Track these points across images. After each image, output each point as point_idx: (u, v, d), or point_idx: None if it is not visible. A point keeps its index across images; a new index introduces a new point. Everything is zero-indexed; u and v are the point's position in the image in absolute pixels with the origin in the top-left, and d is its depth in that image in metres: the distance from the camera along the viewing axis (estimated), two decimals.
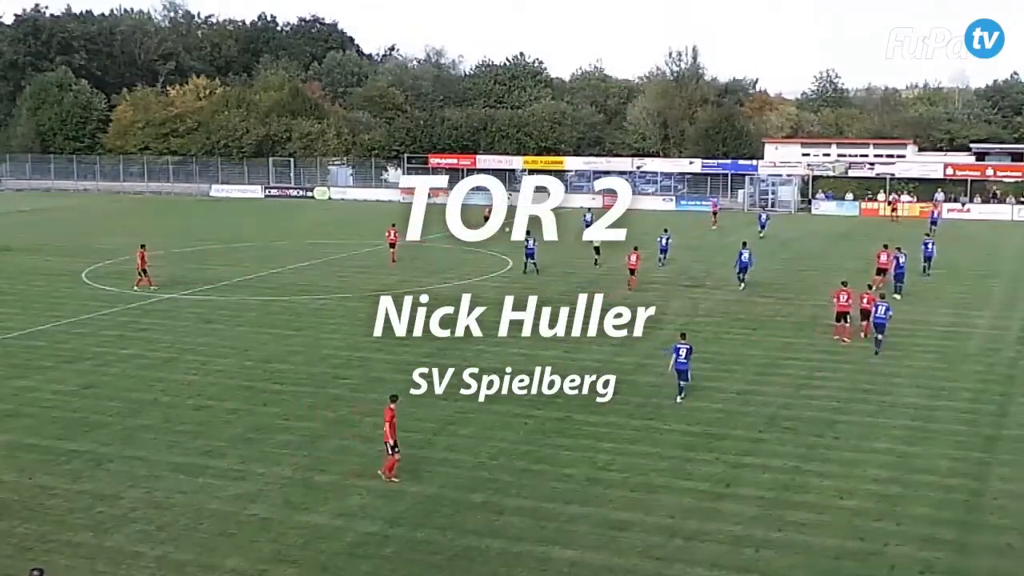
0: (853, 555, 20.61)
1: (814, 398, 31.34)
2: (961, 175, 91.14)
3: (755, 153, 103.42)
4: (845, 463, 25.76)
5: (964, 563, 20.33)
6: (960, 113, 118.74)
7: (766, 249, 63.79)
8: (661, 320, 42.52)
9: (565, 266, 57.71)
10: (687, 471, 25.20)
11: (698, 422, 28.93)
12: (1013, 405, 30.65)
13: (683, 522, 22.12)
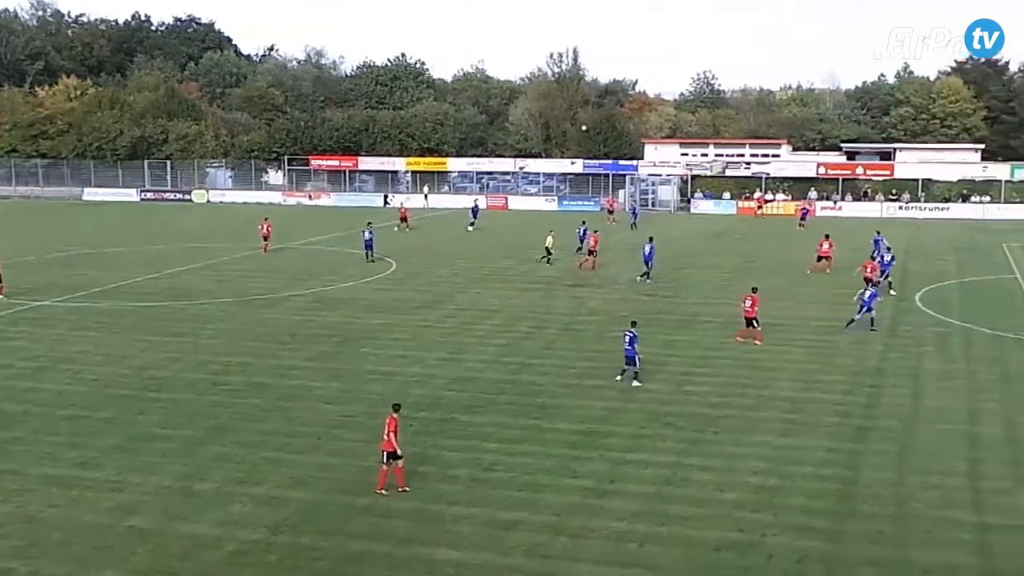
0: (733, 546, 21.03)
1: (695, 394, 31.87)
2: (833, 174, 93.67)
3: (635, 153, 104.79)
4: (725, 457, 26.27)
5: (838, 551, 20.89)
6: (831, 114, 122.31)
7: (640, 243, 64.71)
8: (546, 319, 43.08)
9: (450, 268, 57.78)
10: (572, 469, 25.39)
11: (582, 420, 29.17)
12: (883, 396, 31.62)
13: (568, 520, 22.28)
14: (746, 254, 62.26)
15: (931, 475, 24.81)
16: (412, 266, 57.73)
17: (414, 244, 68.37)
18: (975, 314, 43.50)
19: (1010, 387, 32.58)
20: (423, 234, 75.31)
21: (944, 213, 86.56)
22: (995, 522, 22.08)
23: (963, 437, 27.70)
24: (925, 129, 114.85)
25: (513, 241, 70.05)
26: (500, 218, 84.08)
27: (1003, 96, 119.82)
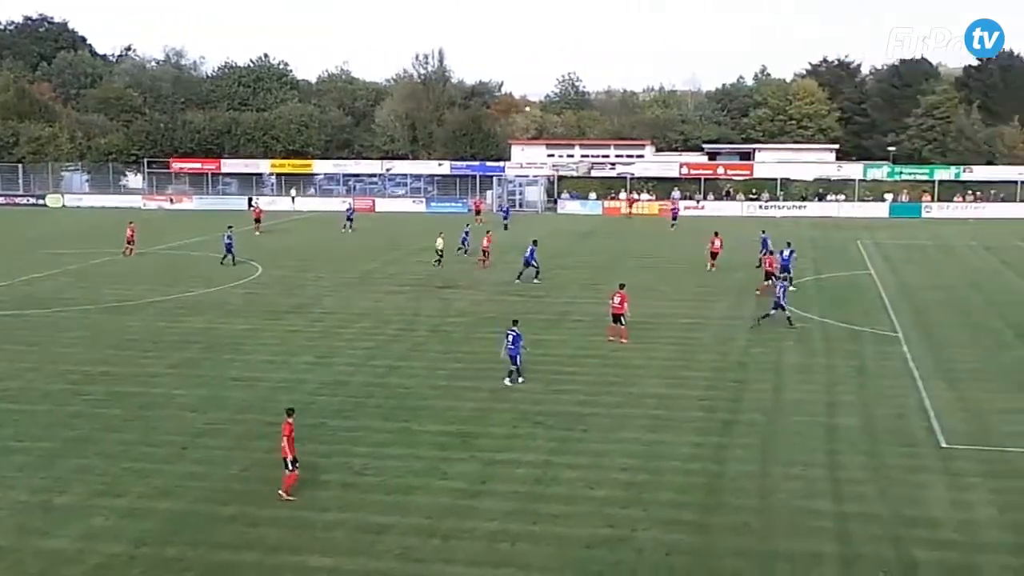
0: (604, 542, 21.25)
1: (564, 392, 32.12)
2: (695, 174, 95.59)
3: (502, 154, 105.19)
4: (594, 454, 26.54)
5: (706, 543, 21.30)
6: (693, 115, 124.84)
7: (511, 243, 64.99)
8: (414, 322, 42.92)
9: (317, 271, 57.14)
10: (443, 471, 25.34)
11: (452, 421, 29.14)
12: (747, 391, 32.36)
13: (440, 522, 22.22)
14: (614, 252, 63.00)
15: (793, 466, 25.50)
16: (278, 270, 56.93)
17: (281, 247, 67.44)
18: (832, 309, 44.84)
19: (866, 379, 33.67)
20: (290, 237, 74.34)
21: (801, 211, 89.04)
22: (853, 510, 22.80)
23: (822, 429, 28.53)
24: (782, 130, 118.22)
25: (381, 243, 69.63)
26: (368, 220, 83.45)
27: (855, 98, 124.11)
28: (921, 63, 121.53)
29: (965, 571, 20.00)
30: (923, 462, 25.95)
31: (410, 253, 64.13)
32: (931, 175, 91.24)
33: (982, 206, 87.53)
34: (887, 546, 21.00)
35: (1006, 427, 28.56)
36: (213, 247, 60.33)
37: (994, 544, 21.11)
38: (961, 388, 32.44)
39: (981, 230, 75.48)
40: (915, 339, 39.11)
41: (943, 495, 23.71)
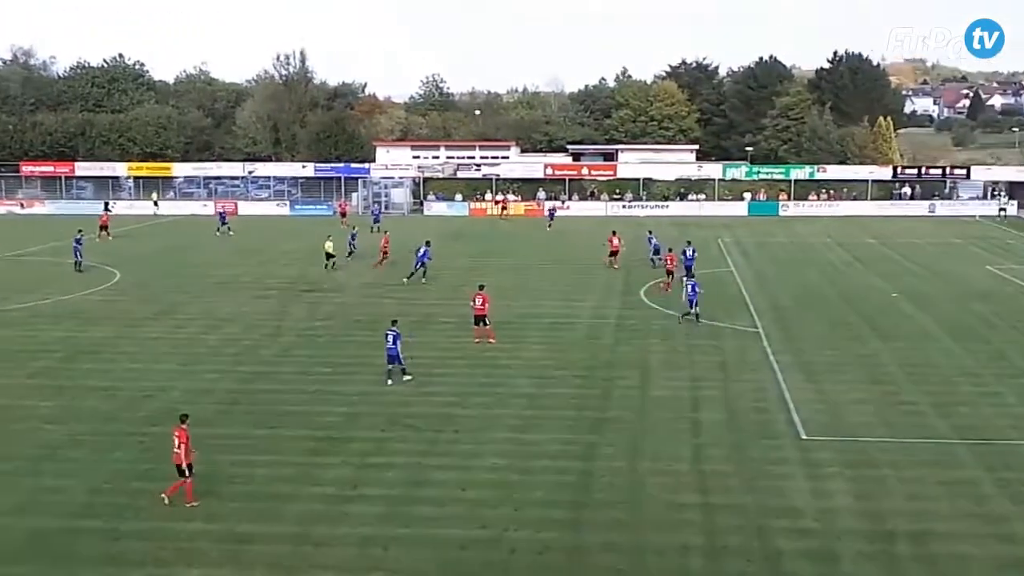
0: (477, 543, 21.32)
1: (434, 394, 32.11)
2: (560, 174, 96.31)
3: (367, 156, 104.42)
4: (465, 455, 26.61)
5: (578, 540, 21.56)
6: (557, 116, 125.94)
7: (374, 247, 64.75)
8: (280, 326, 42.36)
9: (179, 276, 55.89)
10: (313, 476, 25.09)
11: (322, 426, 28.86)
12: (615, 389, 32.84)
13: (311, 528, 22.00)
14: (482, 253, 63.17)
15: (661, 461, 25.99)
16: (138, 275, 55.47)
17: (140, 252, 65.71)
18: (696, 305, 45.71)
19: (729, 374, 34.50)
20: (150, 242, 72.49)
21: (664, 211, 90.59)
22: (719, 502, 23.38)
23: (688, 423, 29.15)
24: (644, 131, 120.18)
25: (245, 247, 68.43)
26: (230, 224, 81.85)
27: (714, 99, 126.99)
28: (775, 65, 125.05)
29: (825, 558, 20.67)
30: (784, 454, 26.73)
31: (275, 256, 63.26)
32: (787, 174, 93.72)
33: (836, 204, 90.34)
34: (752, 536, 21.58)
35: (860, 418, 29.62)
36: (68, 253, 58.43)
37: (851, 531, 21.89)
38: (819, 381, 33.50)
39: (835, 227, 77.95)
40: (774, 334, 40.22)
41: (804, 485, 24.48)
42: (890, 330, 41.06)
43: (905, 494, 23.95)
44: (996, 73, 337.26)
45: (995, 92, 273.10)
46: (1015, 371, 34.84)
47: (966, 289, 50.27)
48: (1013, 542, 21.36)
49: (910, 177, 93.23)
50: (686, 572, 20.21)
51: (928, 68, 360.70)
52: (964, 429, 28.55)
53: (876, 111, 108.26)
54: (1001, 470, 25.34)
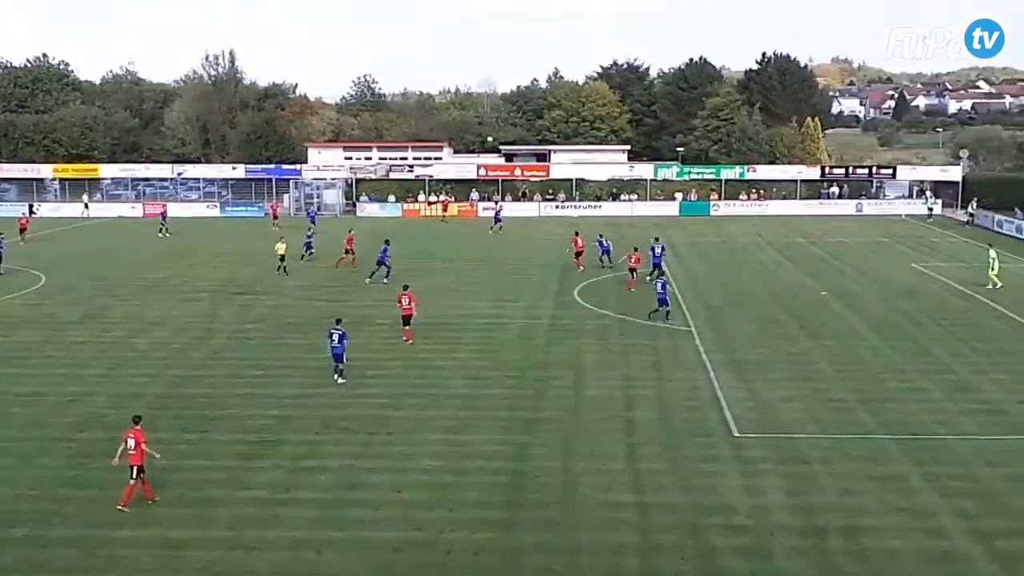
0: (411, 546, 21.23)
1: (368, 396, 31.93)
2: (493, 175, 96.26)
3: (299, 157, 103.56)
4: (399, 457, 26.48)
5: (513, 540, 21.55)
6: (489, 117, 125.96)
7: (320, 251, 64.27)
8: (211, 329, 41.86)
9: (107, 279, 55.01)
10: (245, 480, 24.81)
11: (253, 430, 28.56)
12: (548, 389, 32.88)
13: (243, 533, 21.76)
14: (415, 254, 62.86)
15: (595, 461, 26.07)
16: (65, 279, 54.46)
17: (67, 255, 64.52)
18: (629, 305, 45.99)
19: (662, 373, 34.71)
20: (78, 244, 71.19)
21: (597, 211, 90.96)
22: (653, 501, 23.52)
23: (622, 423, 29.28)
24: (576, 131, 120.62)
25: (174, 250, 67.46)
26: (159, 226, 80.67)
27: (645, 100, 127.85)
28: (705, 66, 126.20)
29: (758, 554, 20.86)
30: (717, 451, 26.95)
31: (205, 259, 62.49)
32: (718, 174, 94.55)
33: (765, 204, 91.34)
34: (686, 534, 21.72)
35: (791, 415, 29.97)
36: None
37: (784, 527, 22.12)
38: (750, 379, 33.84)
39: (765, 227, 78.80)
40: (707, 333, 40.55)
41: (736, 482, 24.69)
42: (819, 328, 41.60)
43: (836, 489, 24.26)
44: (920, 75, 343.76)
45: (919, 93, 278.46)
46: (940, 367, 35.48)
47: (893, 287, 51.10)
48: (941, 536, 21.72)
49: (838, 177, 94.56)
50: (620, 571, 20.27)
51: (854, 69, 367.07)
52: (892, 425, 29.00)
53: (804, 112, 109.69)
54: (929, 464, 25.78)
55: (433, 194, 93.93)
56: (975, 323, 42.48)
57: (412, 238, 71.04)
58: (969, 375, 34.37)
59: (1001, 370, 34.98)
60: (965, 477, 25.00)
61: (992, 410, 30.44)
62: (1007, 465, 25.78)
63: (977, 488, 24.28)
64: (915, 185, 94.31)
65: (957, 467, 25.67)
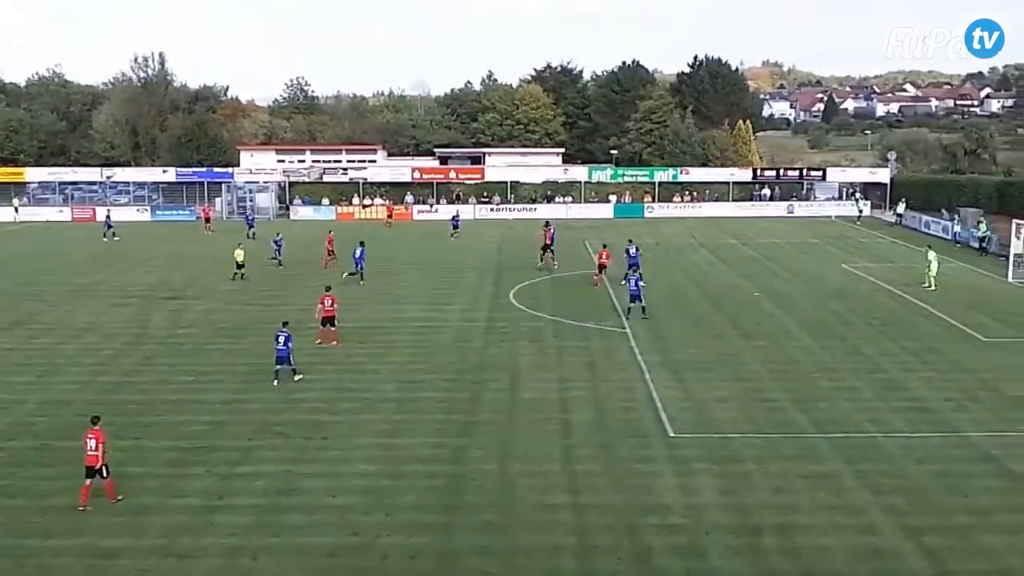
0: (347, 551, 21.11)
1: (302, 401, 31.70)
2: (428, 178, 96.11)
3: (231, 160, 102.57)
4: (335, 462, 26.32)
5: (450, 543, 21.52)
6: (423, 119, 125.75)
7: (251, 254, 63.64)
8: (142, 335, 41.29)
9: (34, 284, 54.02)
10: (177, 488, 24.51)
11: (186, 436, 28.22)
12: (484, 391, 32.88)
13: (176, 540, 21.50)
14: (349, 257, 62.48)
15: (531, 463, 26.11)
16: None
17: None
18: (564, 307, 46.15)
19: (597, 374, 34.87)
20: (4, 249, 69.82)
21: (532, 213, 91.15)
22: (589, 502, 23.62)
23: (558, 424, 29.36)
24: (511, 134, 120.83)
25: (103, 254, 66.44)
26: (88, 230, 79.51)
27: (579, 103, 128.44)
28: (638, 69, 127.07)
29: (693, 553, 21.04)
30: (653, 452, 27.13)
31: (135, 264, 61.60)
32: (651, 176, 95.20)
33: (698, 206, 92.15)
34: (622, 535, 21.84)
35: (725, 414, 30.26)
36: None
37: (719, 526, 22.33)
38: (685, 379, 34.12)
39: (698, 228, 79.52)
40: (642, 334, 40.79)
41: (672, 482, 24.88)
42: (752, 329, 42.06)
43: (769, 488, 24.54)
44: (848, 78, 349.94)
45: (848, 96, 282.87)
46: (871, 366, 36.04)
47: (824, 288, 51.81)
48: (872, 533, 22.05)
49: (769, 179, 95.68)
50: (557, 572, 20.33)
51: (784, 72, 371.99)
52: (824, 423, 29.40)
53: (736, 114, 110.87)
54: (860, 462, 26.17)
55: (379, 197, 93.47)
56: (904, 322, 43.22)
57: (347, 241, 70.49)
58: (898, 374, 34.96)
59: (929, 368, 35.65)
60: (895, 474, 25.42)
61: (920, 408, 30.99)
62: (935, 462, 26.27)
63: (906, 485, 24.70)
64: (845, 187, 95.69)
65: (887, 464, 26.10)
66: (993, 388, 33.07)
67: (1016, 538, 21.68)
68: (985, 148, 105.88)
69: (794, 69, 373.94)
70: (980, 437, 28.18)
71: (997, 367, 35.75)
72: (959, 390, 32.85)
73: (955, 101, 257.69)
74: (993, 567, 20.48)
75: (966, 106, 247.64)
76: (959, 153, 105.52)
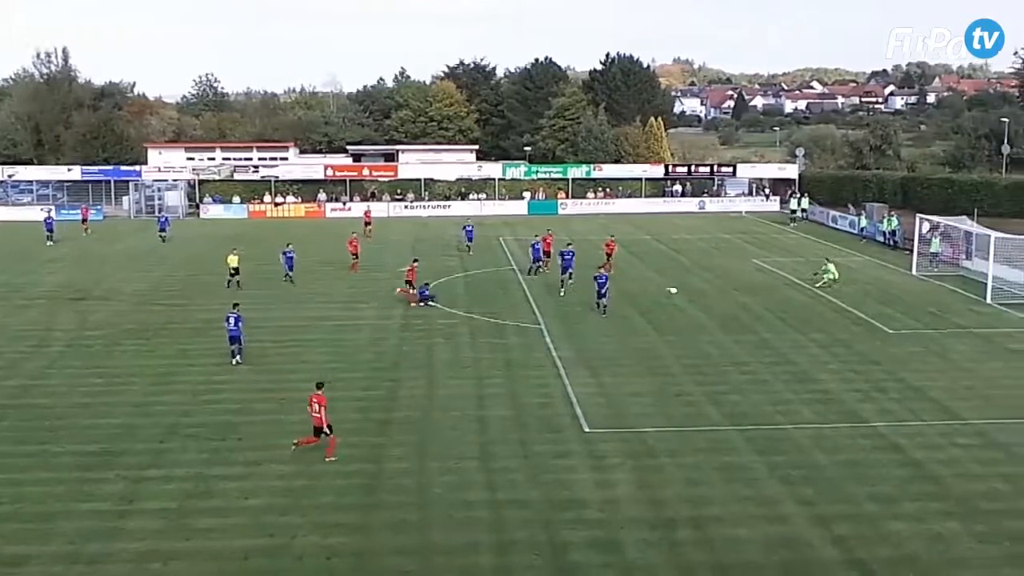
0: (262, 552, 20.87)
1: (215, 402, 31.26)
2: (341, 175, 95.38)
3: (138, 158, 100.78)
4: (249, 463, 26.00)
5: (367, 543, 21.39)
6: (336, 116, 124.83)
7: (159, 254, 62.66)
8: (48, 337, 40.36)
9: None
10: (86, 492, 24.01)
11: (95, 440, 27.65)
12: (401, 389, 32.75)
13: (85, 546, 21.06)
14: (263, 257, 61.82)
15: (448, 460, 26.09)
16: None
17: None
18: (479, 304, 46.17)
19: (513, 371, 34.94)
20: None
21: (446, 211, 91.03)
22: (506, 498, 23.67)
23: (475, 421, 29.38)
24: (424, 131, 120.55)
25: (7, 254, 64.73)
26: None
27: (492, 100, 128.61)
28: (551, 66, 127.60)
29: (610, 547, 21.19)
30: (569, 447, 27.28)
31: (40, 264, 60.18)
32: (565, 173, 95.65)
33: (611, 202, 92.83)
34: (539, 530, 21.91)
35: (640, 409, 30.55)
36: None
37: (634, 519, 22.53)
38: (600, 375, 34.35)
39: (612, 224, 80.00)
40: (557, 331, 40.96)
41: (588, 477, 25.03)
42: (665, 324, 42.51)
43: (684, 481, 24.82)
44: (757, 75, 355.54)
45: (757, 93, 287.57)
46: (780, 359, 36.66)
47: (734, 282, 52.53)
48: (783, 523, 22.42)
49: (681, 175, 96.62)
50: (475, 569, 20.32)
51: (695, 70, 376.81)
52: (736, 416, 29.83)
53: (648, 111, 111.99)
54: (771, 454, 26.60)
55: (291, 195, 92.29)
56: (813, 316, 44.01)
57: (258, 241, 69.77)
58: (808, 366, 35.61)
59: (837, 360, 36.36)
60: (805, 465, 25.88)
61: (829, 399, 31.60)
62: (843, 452, 26.81)
63: (816, 475, 25.16)
64: (754, 183, 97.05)
65: (797, 455, 26.57)
66: (899, 379, 33.85)
67: (921, 525, 22.22)
68: (889, 144, 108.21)
69: (704, 67, 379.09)
70: (886, 427, 28.84)
71: (902, 358, 36.63)
72: (866, 381, 33.57)
73: (860, 98, 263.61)
74: (899, 553, 20.95)
75: (871, 103, 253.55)
76: (864, 149, 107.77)
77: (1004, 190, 75.77)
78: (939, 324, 42.46)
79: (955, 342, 39.26)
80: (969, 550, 21.08)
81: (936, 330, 41.35)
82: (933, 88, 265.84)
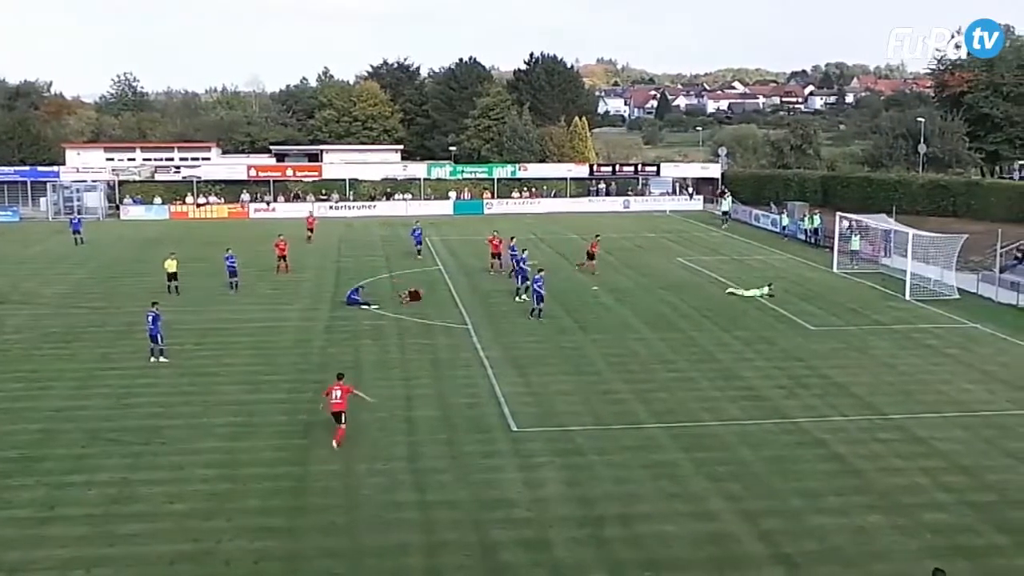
0: (188, 557, 20.58)
1: (137, 406, 30.77)
2: (264, 176, 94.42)
3: (56, 159, 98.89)
4: (173, 467, 25.64)
5: (295, 547, 21.19)
6: (258, 116, 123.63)
7: (79, 256, 61.52)
8: None
9: None
10: (5, 499, 23.50)
11: (14, 446, 27.07)
12: None
13: (5, 555, 20.62)
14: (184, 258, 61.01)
15: (376, 462, 25.97)
16: None
17: None
18: (406, 305, 45.96)
19: (441, 371, 34.89)
20: None
21: (371, 211, 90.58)
22: (435, 499, 23.61)
23: (403, 422, 29.29)
24: (348, 131, 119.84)
25: None
26: None
27: (416, 99, 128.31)
28: (475, 66, 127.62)
29: (539, 546, 21.24)
30: (497, 447, 27.31)
31: None
32: (490, 173, 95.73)
33: (537, 201, 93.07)
34: (469, 530, 21.91)
35: (568, 408, 30.68)
36: None
37: (563, 518, 22.61)
38: (527, 374, 34.44)
39: (537, 224, 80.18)
40: (484, 330, 40.98)
41: (516, 476, 25.08)
42: (592, 322, 42.74)
43: (612, 479, 24.96)
44: (680, 75, 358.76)
45: (679, 93, 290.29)
46: (705, 356, 37.06)
47: (660, 281, 52.99)
48: (711, 519, 22.65)
49: (605, 175, 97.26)
50: (405, 571, 20.25)
51: (618, 70, 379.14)
52: (663, 414, 30.08)
53: (572, 111, 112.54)
54: (697, 451, 26.86)
55: (214, 196, 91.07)
56: (737, 313, 44.55)
57: (180, 242, 68.86)
58: (732, 363, 36.03)
59: (761, 357, 36.84)
60: (731, 461, 26.18)
61: (753, 396, 32.01)
62: (768, 448, 27.17)
63: (742, 471, 25.47)
64: (678, 182, 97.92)
65: (723, 452, 26.87)
66: (822, 375, 34.40)
67: (844, 519, 22.59)
68: (810, 144, 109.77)
69: (628, 67, 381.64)
70: (810, 423, 29.29)
71: (825, 355, 37.24)
72: (789, 378, 34.07)
73: (781, 98, 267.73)
74: (824, 547, 21.27)
75: (791, 103, 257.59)
76: (785, 149, 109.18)
77: (921, 188, 77.29)
78: (860, 320, 43.25)
79: (875, 338, 40.03)
80: (892, 543, 21.47)
81: (857, 326, 42.12)
82: (851, 88, 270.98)
